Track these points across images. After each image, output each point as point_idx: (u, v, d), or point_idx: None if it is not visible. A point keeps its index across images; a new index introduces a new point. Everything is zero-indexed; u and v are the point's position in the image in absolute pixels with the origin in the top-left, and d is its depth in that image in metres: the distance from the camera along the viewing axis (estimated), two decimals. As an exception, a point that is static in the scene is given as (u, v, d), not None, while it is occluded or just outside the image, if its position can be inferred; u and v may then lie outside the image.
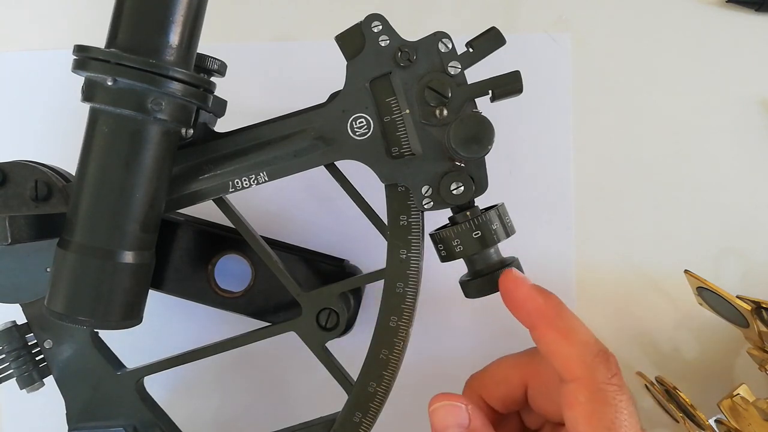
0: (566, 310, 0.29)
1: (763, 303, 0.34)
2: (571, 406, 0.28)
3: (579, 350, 0.28)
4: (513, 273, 0.30)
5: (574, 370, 0.28)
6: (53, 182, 0.30)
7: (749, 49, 0.39)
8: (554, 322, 0.28)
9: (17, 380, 0.33)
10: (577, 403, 0.27)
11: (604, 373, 0.28)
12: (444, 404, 0.29)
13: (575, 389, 0.27)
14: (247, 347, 0.33)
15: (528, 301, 0.29)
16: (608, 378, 0.28)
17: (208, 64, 0.32)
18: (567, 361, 0.28)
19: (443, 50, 0.30)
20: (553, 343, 0.28)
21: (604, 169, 0.40)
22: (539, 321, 0.29)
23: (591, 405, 0.27)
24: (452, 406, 0.28)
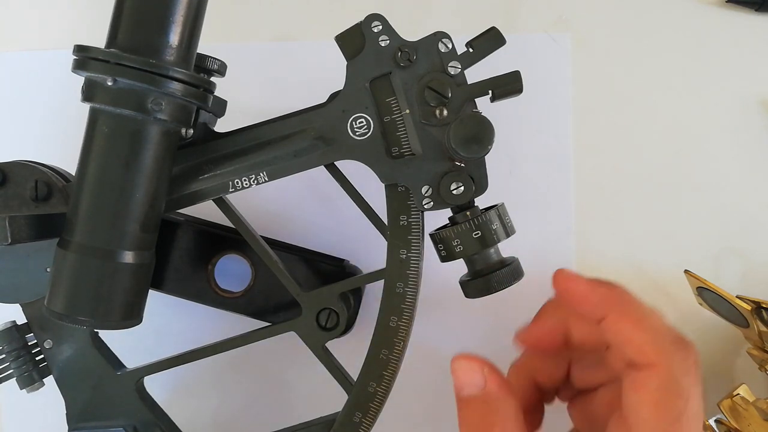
0: (635, 297, 0.29)
1: (763, 303, 0.34)
2: (638, 390, 0.26)
3: (653, 336, 0.27)
4: (566, 272, 0.30)
5: (650, 356, 0.26)
6: (53, 182, 0.30)
7: (749, 49, 0.39)
8: (624, 309, 0.28)
9: (17, 380, 0.33)
10: (646, 388, 0.26)
11: (681, 362, 0.27)
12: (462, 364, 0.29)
13: (647, 375, 0.26)
14: (247, 347, 0.33)
15: (592, 294, 0.28)
16: (686, 367, 0.27)
17: (208, 64, 0.32)
18: (641, 346, 0.27)
19: (443, 50, 0.30)
20: (626, 330, 0.27)
21: (604, 169, 0.40)
22: (608, 310, 0.28)
23: (661, 393, 0.26)
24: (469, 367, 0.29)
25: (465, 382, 0.29)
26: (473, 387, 0.29)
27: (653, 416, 0.26)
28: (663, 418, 0.26)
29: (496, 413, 0.28)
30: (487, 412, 0.28)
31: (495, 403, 0.28)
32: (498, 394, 0.29)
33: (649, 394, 0.26)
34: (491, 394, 0.29)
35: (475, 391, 0.29)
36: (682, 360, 0.27)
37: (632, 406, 0.27)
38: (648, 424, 0.26)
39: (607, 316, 0.28)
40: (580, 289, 0.29)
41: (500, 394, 0.29)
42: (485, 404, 0.29)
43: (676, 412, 0.26)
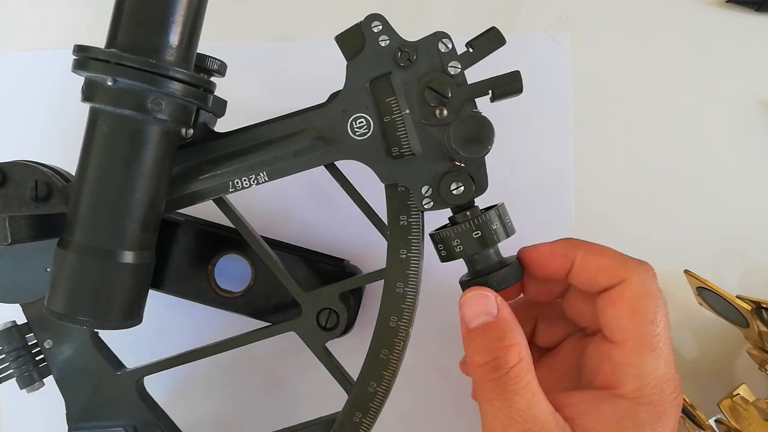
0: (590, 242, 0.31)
1: (763, 303, 0.34)
2: (615, 303, 0.29)
3: (618, 258, 0.30)
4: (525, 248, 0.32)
5: (620, 273, 0.29)
6: (53, 182, 0.30)
7: (749, 49, 0.39)
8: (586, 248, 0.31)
9: (17, 380, 0.33)
10: (621, 299, 0.29)
11: (645, 272, 0.30)
12: (474, 294, 0.30)
13: (621, 288, 0.29)
14: (247, 347, 0.33)
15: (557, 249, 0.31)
16: (650, 277, 0.30)
17: (208, 64, 0.32)
18: (611, 268, 0.30)
19: (443, 50, 0.30)
20: (594, 262, 0.30)
21: (604, 169, 0.40)
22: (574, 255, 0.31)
23: (636, 299, 0.29)
24: (481, 295, 0.30)
25: (477, 312, 0.30)
26: (486, 315, 0.29)
27: (632, 321, 0.29)
28: (641, 321, 0.29)
29: (513, 335, 0.29)
30: (503, 334, 0.29)
31: (510, 326, 0.29)
32: (511, 318, 0.30)
33: (626, 303, 0.29)
34: (505, 318, 0.29)
35: (488, 319, 0.29)
36: (645, 271, 0.30)
37: (612, 320, 0.30)
38: (629, 330, 0.29)
39: (575, 259, 0.31)
40: (546, 251, 0.31)
41: (513, 318, 0.30)
42: (500, 328, 0.29)
43: (652, 314, 0.29)
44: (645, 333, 0.29)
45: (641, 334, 0.29)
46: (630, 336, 0.29)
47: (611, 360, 0.30)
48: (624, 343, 0.29)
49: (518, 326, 0.30)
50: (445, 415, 0.40)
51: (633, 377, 0.29)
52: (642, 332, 0.29)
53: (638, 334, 0.29)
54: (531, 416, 0.28)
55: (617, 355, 0.29)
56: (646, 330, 0.29)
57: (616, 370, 0.29)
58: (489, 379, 0.29)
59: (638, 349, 0.29)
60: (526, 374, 0.29)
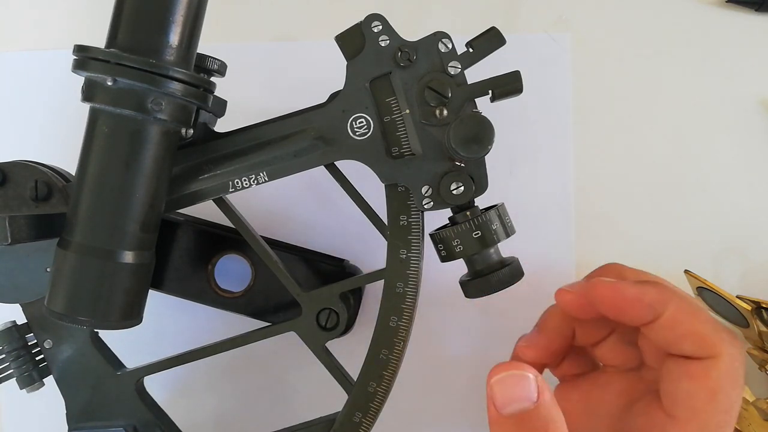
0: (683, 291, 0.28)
1: (763, 303, 0.34)
2: (694, 378, 0.26)
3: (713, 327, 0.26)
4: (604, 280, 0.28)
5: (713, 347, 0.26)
6: (53, 182, 0.30)
7: (749, 49, 0.39)
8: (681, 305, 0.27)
9: (17, 380, 0.33)
10: (705, 378, 0.26)
11: (739, 353, 0.26)
12: (510, 374, 0.25)
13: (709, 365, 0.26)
14: (247, 347, 0.33)
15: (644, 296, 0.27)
16: (742, 359, 0.26)
17: (208, 64, 0.32)
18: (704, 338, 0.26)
19: (443, 50, 0.30)
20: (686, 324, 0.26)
21: (604, 169, 0.40)
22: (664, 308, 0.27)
23: (722, 382, 0.26)
24: (520, 376, 0.25)
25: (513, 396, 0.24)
26: (524, 401, 0.24)
27: (707, 406, 0.25)
28: (717, 409, 0.25)
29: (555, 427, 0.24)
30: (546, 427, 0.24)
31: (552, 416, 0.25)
32: (553, 406, 0.25)
33: (707, 384, 0.25)
34: (548, 407, 0.24)
35: (526, 406, 0.24)
36: (738, 351, 0.26)
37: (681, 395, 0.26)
38: (699, 414, 0.25)
39: (664, 313, 0.27)
40: (630, 294, 0.27)
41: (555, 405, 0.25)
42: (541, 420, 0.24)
43: (731, 402, 0.26)
44: (717, 421, 0.25)
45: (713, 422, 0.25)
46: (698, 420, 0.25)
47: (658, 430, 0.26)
48: (686, 423, 0.26)
49: (560, 414, 0.25)
50: (445, 415, 0.40)
51: None
52: (714, 420, 0.25)
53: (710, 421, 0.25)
54: None
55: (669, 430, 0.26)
56: (720, 419, 0.25)
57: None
58: None
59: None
60: None
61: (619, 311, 0.28)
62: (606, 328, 0.32)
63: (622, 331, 0.31)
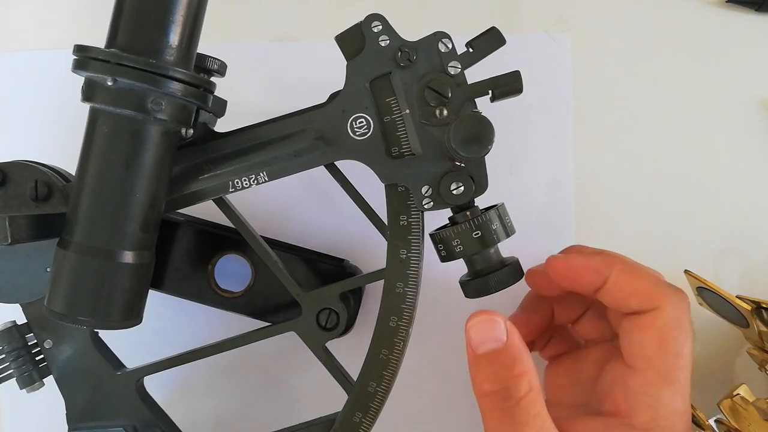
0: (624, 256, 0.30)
1: (763, 303, 0.34)
2: (643, 330, 0.28)
3: (654, 283, 0.29)
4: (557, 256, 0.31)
5: (654, 300, 0.29)
6: (53, 182, 0.30)
7: (749, 49, 0.39)
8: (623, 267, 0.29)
9: (17, 380, 0.33)
10: (651, 327, 0.28)
11: (680, 302, 0.29)
12: (482, 318, 0.29)
13: (652, 316, 0.28)
14: (247, 347, 0.33)
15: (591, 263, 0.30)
16: (684, 307, 0.29)
17: (208, 64, 0.32)
18: (645, 293, 0.29)
19: (443, 50, 0.30)
20: (630, 283, 0.29)
21: (604, 169, 0.40)
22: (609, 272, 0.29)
23: (667, 330, 0.28)
24: (491, 320, 0.28)
25: (485, 337, 0.28)
26: (495, 341, 0.28)
27: (658, 352, 0.28)
28: (667, 353, 0.28)
29: (522, 363, 0.28)
30: (513, 363, 0.28)
31: (519, 353, 0.28)
32: (521, 345, 0.28)
33: (654, 332, 0.28)
34: (515, 346, 0.28)
35: (496, 346, 0.28)
36: (680, 300, 0.29)
37: (635, 347, 0.29)
38: (652, 360, 0.28)
39: (609, 276, 0.29)
40: (578, 263, 0.30)
41: (523, 345, 0.29)
42: (510, 356, 0.28)
43: (678, 347, 0.28)
44: (668, 365, 0.28)
45: (664, 366, 0.28)
46: (652, 365, 0.28)
47: (626, 386, 0.29)
48: (643, 371, 0.28)
49: (528, 352, 0.29)
50: (445, 415, 0.40)
51: (647, 408, 0.28)
52: (665, 364, 0.28)
53: (661, 364, 0.28)
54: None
55: (634, 383, 0.28)
56: (670, 362, 0.28)
57: (629, 398, 0.28)
58: (497, 408, 0.28)
59: (658, 381, 0.28)
60: (536, 403, 0.28)
61: (573, 280, 0.30)
62: (581, 306, 0.34)
63: (595, 307, 0.34)
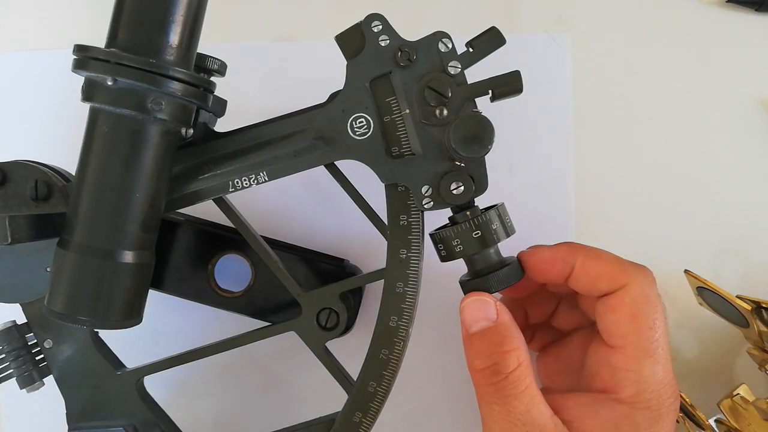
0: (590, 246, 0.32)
1: (763, 303, 0.34)
2: (614, 309, 0.30)
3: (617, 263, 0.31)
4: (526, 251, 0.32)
5: (619, 279, 0.30)
6: (53, 182, 0.30)
7: (749, 49, 0.39)
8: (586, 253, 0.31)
9: (17, 380, 0.33)
10: (621, 305, 0.30)
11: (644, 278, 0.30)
12: (474, 299, 0.30)
13: (620, 294, 0.30)
14: (247, 347, 0.33)
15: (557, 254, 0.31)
16: (649, 282, 0.30)
17: (208, 64, 0.32)
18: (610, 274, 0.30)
19: (443, 50, 0.30)
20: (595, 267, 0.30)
21: (604, 169, 0.40)
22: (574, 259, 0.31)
23: (635, 305, 0.29)
24: (481, 301, 0.30)
25: (477, 317, 0.30)
26: (486, 320, 0.30)
27: (632, 327, 0.29)
28: (640, 327, 0.29)
29: (512, 340, 0.30)
30: (502, 339, 0.29)
31: (509, 331, 0.30)
32: (510, 323, 0.30)
33: (625, 309, 0.30)
34: (505, 324, 0.30)
35: (488, 324, 0.30)
36: (644, 277, 0.30)
37: (611, 326, 0.30)
38: (628, 336, 0.29)
39: (575, 264, 0.31)
40: (545, 255, 0.32)
41: (512, 323, 0.30)
42: (499, 334, 0.30)
43: (651, 320, 0.29)
44: (644, 339, 0.29)
45: (640, 340, 0.29)
46: (629, 342, 0.29)
47: (610, 365, 0.30)
48: (623, 348, 0.29)
49: (518, 330, 0.30)
50: (445, 415, 0.40)
51: (631, 383, 0.29)
52: (641, 338, 0.29)
53: (637, 339, 0.29)
54: (530, 419, 0.28)
55: (616, 361, 0.30)
56: (645, 336, 0.29)
57: (614, 375, 0.29)
58: (488, 383, 0.29)
59: (637, 355, 0.29)
60: (525, 378, 0.29)
61: (543, 272, 0.32)
62: (552, 301, 0.36)
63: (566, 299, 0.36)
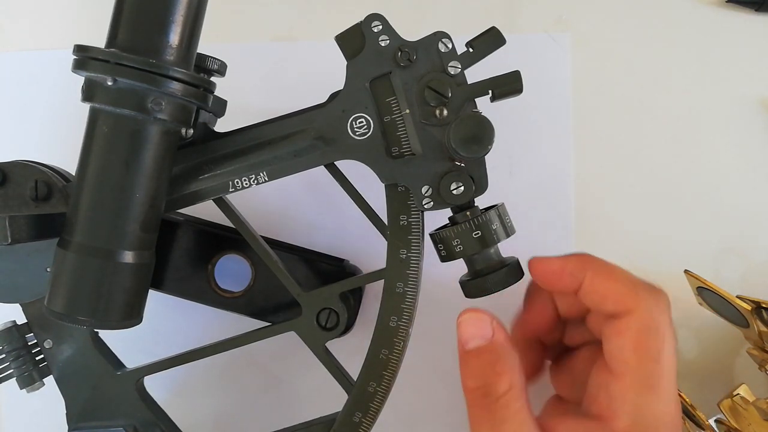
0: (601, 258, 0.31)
1: (763, 303, 0.34)
2: (619, 334, 0.28)
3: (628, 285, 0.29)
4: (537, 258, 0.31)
5: (628, 303, 0.28)
6: (53, 182, 0.30)
7: (749, 49, 0.39)
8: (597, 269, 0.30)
9: (17, 380, 0.33)
10: (627, 332, 0.28)
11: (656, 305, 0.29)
12: (470, 315, 0.30)
13: (627, 320, 0.28)
14: (247, 347, 0.33)
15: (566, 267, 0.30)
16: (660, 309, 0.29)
17: (208, 64, 0.32)
18: (619, 296, 0.29)
19: (443, 50, 0.30)
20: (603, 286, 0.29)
21: (604, 169, 0.40)
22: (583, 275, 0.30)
23: (641, 334, 0.28)
24: (478, 318, 0.29)
25: (473, 334, 0.29)
26: (481, 338, 0.29)
27: (634, 357, 0.28)
28: (644, 358, 0.28)
29: (504, 362, 0.29)
30: (495, 360, 0.29)
31: (503, 352, 0.29)
32: (505, 344, 0.29)
33: (630, 337, 0.28)
34: (499, 344, 0.29)
35: (482, 343, 0.29)
36: (656, 303, 0.29)
37: (614, 351, 0.29)
38: (629, 365, 0.28)
39: (584, 280, 0.30)
40: (554, 267, 0.30)
41: (507, 344, 0.29)
42: (493, 354, 0.29)
43: (656, 351, 0.28)
44: (645, 370, 0.28)
45: (641, 371, 0.28)
46: (630, 371, 0.28)
47: (608, 391, 0.28)
48: (623, 376, 0.28)
49: (512, 352, 0.29)
50: (445, 415, 0.40)
51: (627, 414, 0.27)
52: (642, 369, 0.28)
53: (639, 370, 0.28)
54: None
55: (614, 388, 0.28)
56: (648, 368, 0.28)
57: (611, 403, 0.28)
58: (479, 404, 0.29)
59: (636, 387, 0.28)
60: (516, 402, 0.28)
61: (551, 282, 0.31)
62: None
63: None
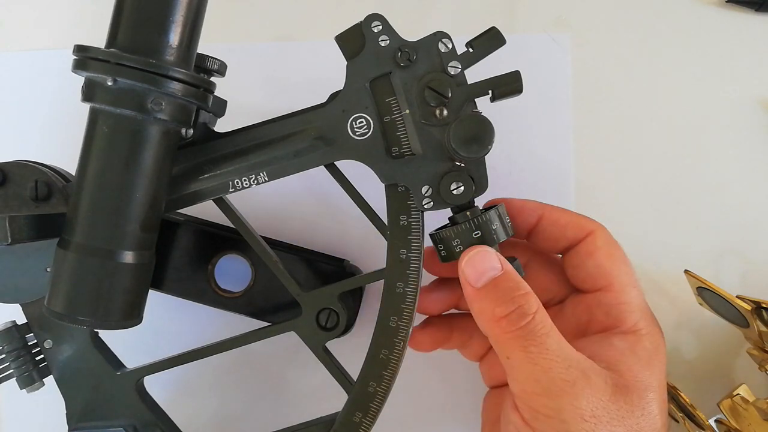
0: None
1: (763, 303, 0.34)
2: (592, 253, 0.32)
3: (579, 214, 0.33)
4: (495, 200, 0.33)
5: (588, 225, 0.32)
6: (53, 182, 0.30)
7: (749, 49, 0.39)
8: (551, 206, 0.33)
9: (17, 380, 0.33)
10: (597, 249, 0.31)
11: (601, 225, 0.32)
12: (475, 252, 0.29)
13: (592, 238, 0.32)
14: (247, 347, 0.33)
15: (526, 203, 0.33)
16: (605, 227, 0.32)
17: (208, 64, 0.32)
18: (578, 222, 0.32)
19: (443, 50, 0.30)
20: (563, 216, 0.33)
21: (604, 169, 0.40)
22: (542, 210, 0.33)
23: (608, 246, 0.32)
24: (483, 252, 0.30)
25: (483, 269, 0.29)
26: (492, 270, 0.29)
27: (613, 265, 0.31)
28: (620, 263, 0.31)
29: (524, 285, 0.29)
30: (516, 285, 0.29)
31: (519, 277, 0.30)
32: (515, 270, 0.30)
33: (601, 251, 0.31)
34: (513, 272, 0.30)
35: (496, 273, 0.29)
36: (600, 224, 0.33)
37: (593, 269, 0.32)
38: (612, 273, 0.31)
39: (543, 212, 0.33)
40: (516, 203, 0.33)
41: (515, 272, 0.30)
42: (512, 279, 0.29)
43: (623, 255, 0.32)
44: (624, 273, 0.31)
45: (623, 274, 0.31)
46: (614, 278, 0.31)
47: (602, 305, 0.31)
48: (610, 286, 0.31)
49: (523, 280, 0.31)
50: (445, 415, 0.40)
51: (629, 313, 0.31)
52: (622, 273, 0.31)
53: (620, 274, 0.31)
54: (564, 355, 0.28)
55: (608, 299, 0.31)
56: (625, 270, 0.31)
57: (610, 313, 0.31)
58: (515, 328, 0.28)
59: (625, 288, 0.31)
60: (547, 318, 0.29)
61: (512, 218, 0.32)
62: None
63: None
